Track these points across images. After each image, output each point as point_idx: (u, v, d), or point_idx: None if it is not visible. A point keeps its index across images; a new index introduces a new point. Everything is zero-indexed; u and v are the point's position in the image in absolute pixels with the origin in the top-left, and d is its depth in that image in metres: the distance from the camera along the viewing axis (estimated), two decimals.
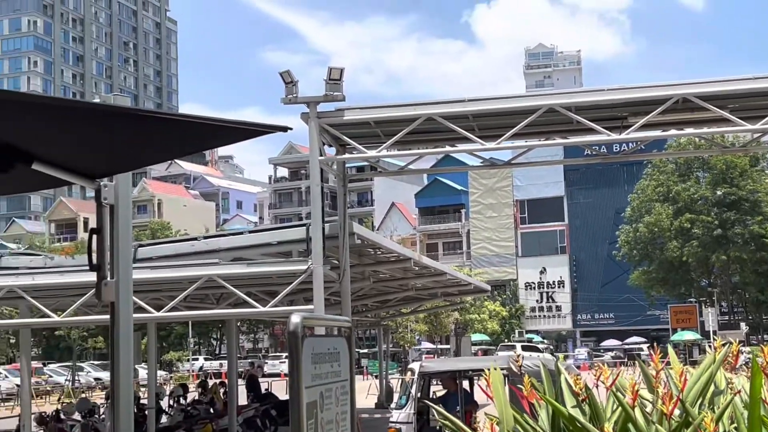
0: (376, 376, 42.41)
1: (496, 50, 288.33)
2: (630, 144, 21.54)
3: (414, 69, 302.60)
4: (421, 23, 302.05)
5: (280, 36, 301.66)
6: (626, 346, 77.54)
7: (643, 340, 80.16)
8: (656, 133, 17.25)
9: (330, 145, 17.76)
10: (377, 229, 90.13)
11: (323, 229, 16.51)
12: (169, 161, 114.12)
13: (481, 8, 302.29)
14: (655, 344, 11.92)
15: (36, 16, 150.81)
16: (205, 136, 4.62)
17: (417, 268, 22.89)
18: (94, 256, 5.40)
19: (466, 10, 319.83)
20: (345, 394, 4.68)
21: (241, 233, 20.64)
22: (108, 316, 5.22)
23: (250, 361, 68.81)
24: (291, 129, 4.76)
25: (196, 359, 74.99)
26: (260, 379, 31.03)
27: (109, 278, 5.39)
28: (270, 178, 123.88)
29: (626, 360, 62.83)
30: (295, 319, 3.95)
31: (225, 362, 54.95)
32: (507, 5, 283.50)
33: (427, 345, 78.63)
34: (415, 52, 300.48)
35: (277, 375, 57.15)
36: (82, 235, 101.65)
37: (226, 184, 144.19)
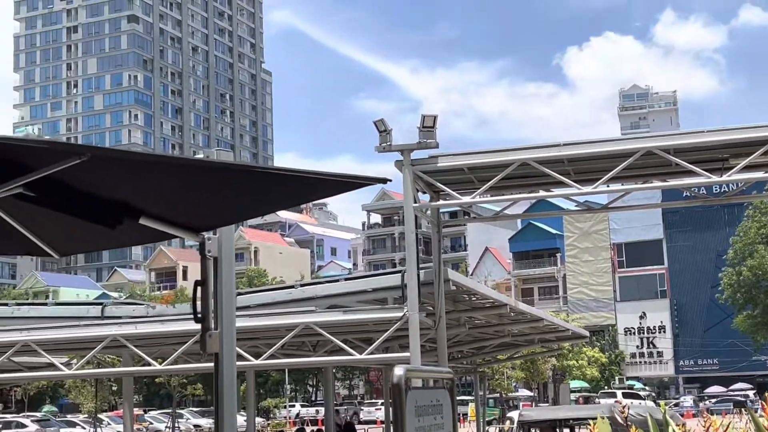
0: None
1: (589, 92, 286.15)
2: (731, 186, 21.02)
3: (505, 113, 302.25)
4: (512, 67, 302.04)
5: (372, 84, 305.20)
6: (732, 393, 75.03)
7: (749, 386, 77.50)
8: (759, 174, 16.81)
9: (424, 192, 17.80)
10: (471, 275, 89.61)
11: (418, 275, 16.50)
12: None
13: (573, 51, 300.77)
14: (763, 392, 11.51)
15: (136, 71, 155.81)
16: (308, 189, 4.68)
17: (513, 314, 22.64)
18: (199, 307, 5.51)
19: (557, 53, 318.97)
20: None
21: (337, 280, 20.79)
22: (209, 365, 5.32)
23: (345, 407, 68.88)
24: (390, 181, 4.80)
25: (293, 406, 75.37)
26: (357, 426, 31.02)
27: (213, 330, 5.47)
28: (363, 224, 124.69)
29: (732, 408, 60.80)
30: (399, 371, 3.93)
31: (321, 409, 55.06)
32: (599, 47, 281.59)
33: (524, 392, 77.48)
34: (506, 96, 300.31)
35: (373, 422, 56.98)
36: (182, 283, 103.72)
37: (321, 231, 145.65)
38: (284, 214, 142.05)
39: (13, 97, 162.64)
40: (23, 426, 46.35)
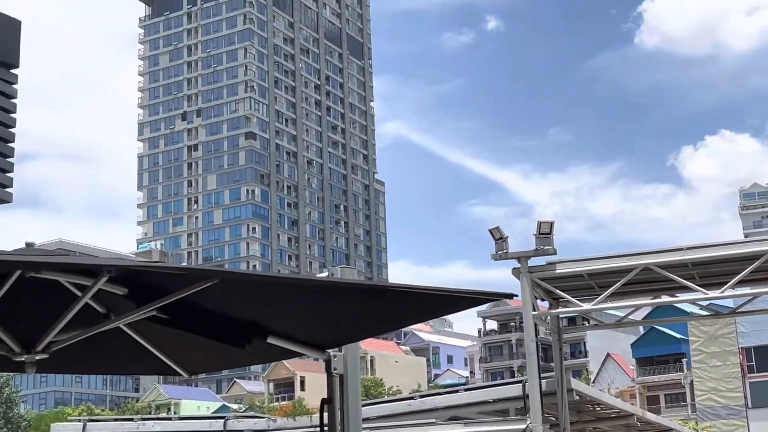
0: None
1: (706, 192, 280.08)
2: None
3: (619, 215, 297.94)
4: (626, 169, 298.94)
5: (483, 189, 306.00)
6: None
7: None
8: None
9: (542, 299, 17.57)
10: (593, 382, 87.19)
11: (540, 385, 16.15)
12: None
13: (687, 150, 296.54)
14: None
15: (254, 186, 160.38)
16: (433, 305, 4.68)
17: (640, 424, 21.86)
18: (326, 425, 5.50)
19: (671, 153, 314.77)
20: None
21: (456, 391, 20.49)
22: None
23: None
24: (516, 296, 4.75)
25: None
26: None
27: None
28: (479, 331, 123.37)
29: None
30: None
31: None
32: (714, 146, 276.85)
33: None
34: (620, 198, 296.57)
35: None
36: (300, 394, 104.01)
37: (437, 338, 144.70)
38: None
39: (137, 214, 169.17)
40: None
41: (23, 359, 4.64)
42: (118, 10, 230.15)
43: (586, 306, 17.00)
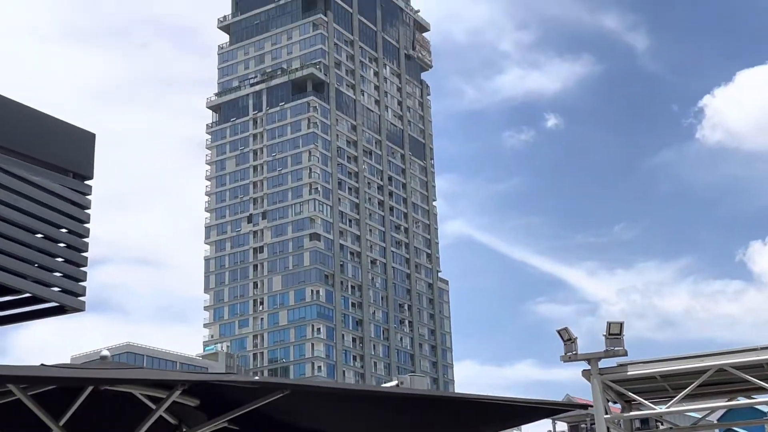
0: None
1: None
2: None
3: (689, 311, 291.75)
4: (694, 265, 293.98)
5: (549, 287, 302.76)
6: None
7: None
8: None
9: (614, 401, 17.18)
10: None
11: None
12: None
13: (756, 245, 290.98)
14: None
15: (318, 286, 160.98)
16: (508, 415, 4.61)
17: None
18: None
19: (740, 248, 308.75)
20: None
21: None
22: None
23: None
24: (591, 407, 4.66)
25: None
26: None
27: None
28: None
29: None
30: None
31: None
32: None
33: None
34: (690, 294, 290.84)
35: None
36: None
37: None
38: None
39: (203, 316, 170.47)
40: None
41: None
42: (187, 118, 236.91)
43: (659, 409, 16.59)
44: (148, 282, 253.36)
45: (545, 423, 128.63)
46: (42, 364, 3.97)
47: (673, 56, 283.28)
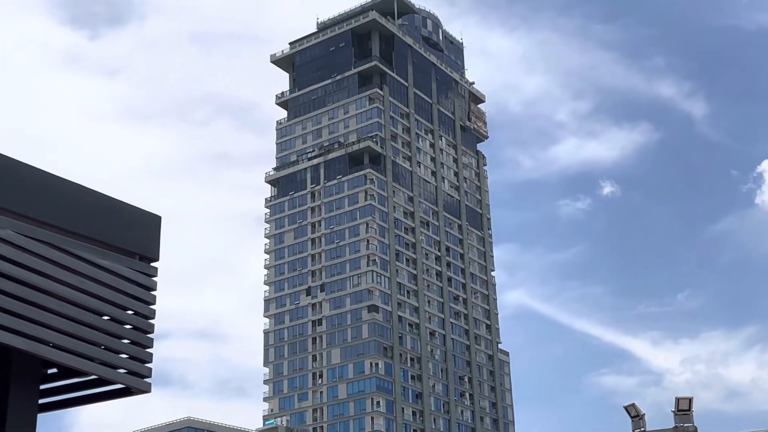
0: None
1: None
2: None
3: (757, 382, 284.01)
4: (761, 334, 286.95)
5: (612, 358, 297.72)
6: None
7: None
8: None
9: None
10: None
11: None
12: None
13: None
14: None
15: (377, 359, 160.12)
16: None
17: None
18: None
19: None
20: None
21: None
22: None
23: None
24: None
25: None
26: None
27: None
28: None
29: None
30: None
31: None
32: None
33: None
34: (756, 364, 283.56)
35: None
36: None
37: None
38: None
39: (263, 390, 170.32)
40: None
41: None
42: (247, 193, 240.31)
43: None
44: (209, 356, 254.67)
45: None
46: None
47: (730, 122, 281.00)
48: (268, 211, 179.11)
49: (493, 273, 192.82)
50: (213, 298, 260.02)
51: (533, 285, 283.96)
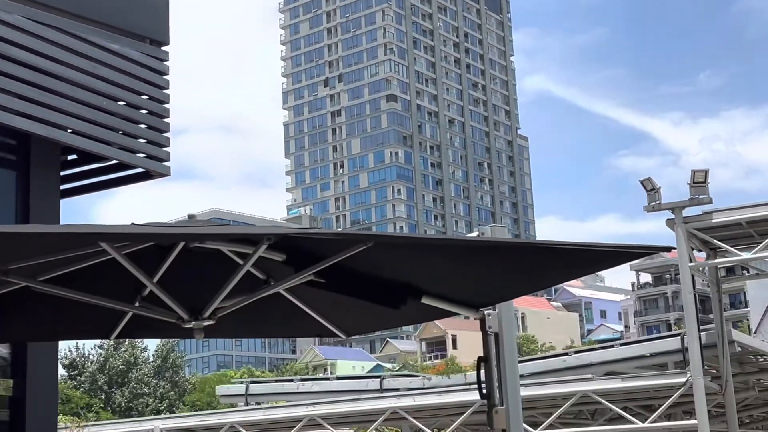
0: None
1: None
2: None
3: None
4: None
5: (631, 140, 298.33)
6: None
7: None
8: None
9: (699, 250, 17.08)
10: (754, 333, 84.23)
11: (699, 338, 15.74)
12: None
13: None
14: None
15: (397, 147, 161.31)
16: (588, 261, 4.62)
17: None
18: (483, 384, 5.53)
19: None
20: None
21: (612, 346, 20.22)
22: None
23: None
24: (674, 248, 4.64)
25: None
26: None
27: (499, 406, 5.47)
28: (633, 284, 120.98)
29: None
30: None
31: None
32: None
33: None
34: None
35: None
36: (452, 352, 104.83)
37: (588, 293, 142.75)
38: None
39: (285, 181, 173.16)
40: None
41: (191, 326, 4.86)
42: None
43: (745, 255, 16.45)
44: (231, 150, 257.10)
45: (629, 276, 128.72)
46: (132, 223, 4.09)
47: None
48: (282, 0, 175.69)
49: (512, 58, 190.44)
50: (231, 92, 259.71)
51: (553, 69, 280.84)
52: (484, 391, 5.49)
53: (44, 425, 8.16)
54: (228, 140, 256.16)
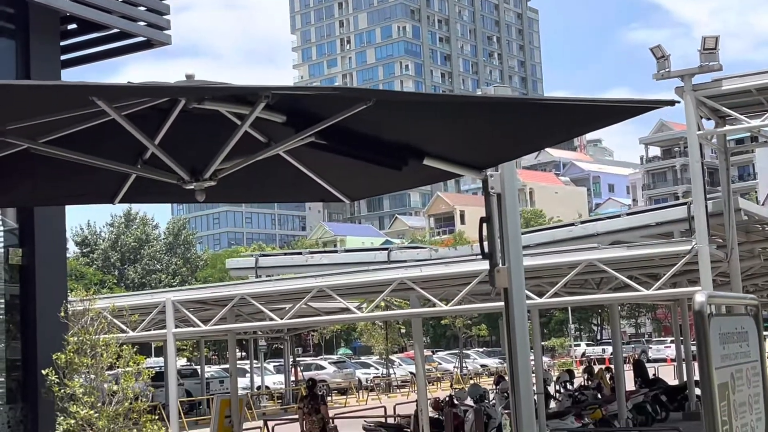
0: None
1: None
2: None
3: None
4: None
5: (642, 12, 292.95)
6: None
7: None
8: None
9: (708, 118, 16.92)
10: (762, 203, 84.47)
11: (706, 206, 15.76)
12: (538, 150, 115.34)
13: None
14: None
15: (404, 22, 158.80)
16: (591, 117, 4.56)
17: None
18: (485, 244, 5.56)
19: None
20: (756, 375, 4.41)
21: (618, 216, 20.31)
22: (493, 304, 5.41)
23: (632, 346, 67.65)
24: (679, 102, 4.58)
25: (578, 345, 74.96)
26: (646, 364, 30.39)
27: (500, 265, 5.50)
28: (641, 158, 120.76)
29: None
30: (700, 298, 3.78)
31: (608, 347, 54.32)
32: None
33: None
34: None
35: (663, 360, 55.53)
36: (460, 227, 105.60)
37: (596, 168, 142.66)
38: (558, 153, 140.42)
39: (292, 57, 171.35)
40: (322, 368, 49.28)
41: (193, 187, 4.86)
42: None
43: (755, 122, 16.29)
44: (236, 26, 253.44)
45: (638, 150, 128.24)
46: (128, 82, 4.04)
47: None
48: None
49: None
50: None
51: None
52: (486, 251, 5.51)
53: (54, 294, 8.29)
54: (233, 16, 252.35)
